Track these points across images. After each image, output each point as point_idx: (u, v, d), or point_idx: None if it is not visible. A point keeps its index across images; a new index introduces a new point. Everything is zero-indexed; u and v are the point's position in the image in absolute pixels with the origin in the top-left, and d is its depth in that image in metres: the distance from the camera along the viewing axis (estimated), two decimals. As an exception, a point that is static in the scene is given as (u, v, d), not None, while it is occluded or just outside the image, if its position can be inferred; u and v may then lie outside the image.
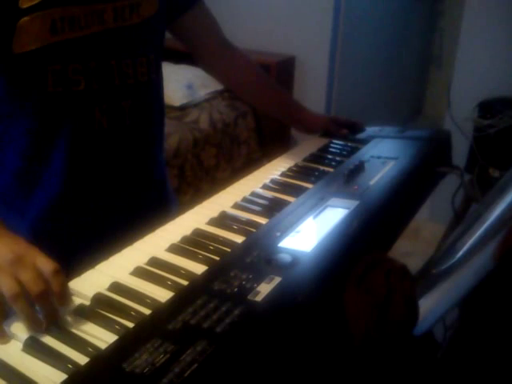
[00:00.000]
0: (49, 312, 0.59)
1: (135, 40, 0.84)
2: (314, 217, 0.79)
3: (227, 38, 1.09)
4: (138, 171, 0.92)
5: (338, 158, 1.05)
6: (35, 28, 0.72)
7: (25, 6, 0.70)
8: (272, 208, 0.83)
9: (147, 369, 0.49)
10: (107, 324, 0.58)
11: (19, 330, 0.58)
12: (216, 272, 0.65)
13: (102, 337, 0.56)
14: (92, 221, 0.88)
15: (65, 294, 0.60)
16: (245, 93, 1.18)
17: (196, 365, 0.49)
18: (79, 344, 0.55)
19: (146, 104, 0.88)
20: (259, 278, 0.62)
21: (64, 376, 0.51)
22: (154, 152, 0.95)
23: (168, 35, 0.98)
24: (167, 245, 0.73)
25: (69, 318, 0.60)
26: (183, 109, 2.55)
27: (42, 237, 0.83)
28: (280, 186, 0.93)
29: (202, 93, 2.69)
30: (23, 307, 0.57)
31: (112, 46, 0.80)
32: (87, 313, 0.60)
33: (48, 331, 0.57)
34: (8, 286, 0.57)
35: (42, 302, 0.58)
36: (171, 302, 0.60)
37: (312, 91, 2.85)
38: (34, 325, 0.57)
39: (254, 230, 0.76)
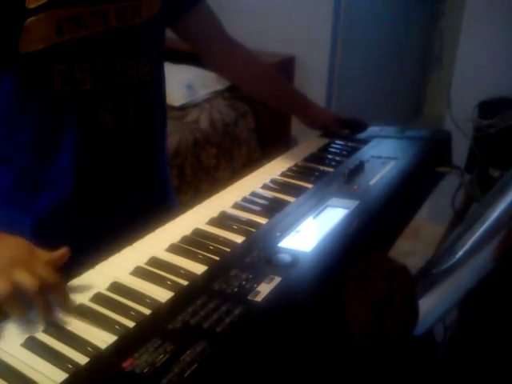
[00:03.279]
0: (46, 309, 0.59)
1: (138, 40, 0.84)
2: (314, 217, 0.79)
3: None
4: (142, 170, 0.92)
5: (337, 158, 1.05)
6: (41, 28, 0.72)
7: (32, 6, 0.71)
8: (272, 208, 0.83)
9: (147, 369, 0.49)
10: (107, 324, 0.58)
11: (19, 330, 0.58)
12: (216, 272, 0.65)
13: (102, 337, 0.56)
14: (95, 220, 0.88)
15: (64, 294, 0.61)
16: (251, 88, 1.19)
17: (196, 365, 0.49)
18: (79, 344, 0.55)
19: (149, 103, 0.89)
20: (259, 277, 0.62)
21: (64, 376, 0.51)
22: (156, 151, 0.96)
23: (168, 36, 0.98)
24: (167, 245, 0.73)
25: (69, 318, 0.60)
26: (183, 109, 2.55)
27: (45, 235, 0.84)
28: (280, 186, 0.93)
29: (202, 93, 2.68)
30: (15, 308, 0.59)
31: (116, 46, 0.81)
32: (87, 313, 0.60)
33: (48, 331, 0.57)
34: (1, 288, 0.58)
35: (38, 299, 0.59)
36: (171, 302, 0.60)
37: (312, 91, 2.82)
38: (27, 324, 0.58)
39: (254, 230, 0.76)
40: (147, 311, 0.59)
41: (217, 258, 0.69)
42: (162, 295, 0.62)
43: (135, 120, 0.86)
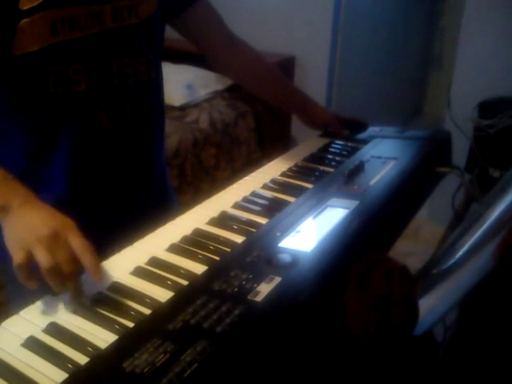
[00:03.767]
0: (75, 291, 0.62)
1: (134, 40, 0.84)
2: (314, 217, 0.79)
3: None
4: (140, 170, 0.92)
5: (338, 158, 1.05)
6: (36, 29, 0.72)
7: (25, 7, 0.70)
8: (272, 208, 0.83)
9: (147, 369, 0.49)
10: (107, 324, 0.58)
11: (20, 330, 0.58)
12: (216, 272, 0.65)
13: (102, 337, 0.56)
14: (94, 220, 0.87)
15: (97, 269, 0.63)
16: (253, 85, 1.18)
17: (196, 365, 0.49)
18: (79, 344, 0.55)
19: (146, 103, 0.89)
20: (259, 277, 0.62)
21: (64, 376, 0.51)
22: (154, 151, 0.96)
23: (168, 36, 0.98)
24: (167, 245, 0.73)
25: (69, 318, 0.60)
26: (183, 109, 2.55)
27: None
28: (280, 186, 0.93)
29: (202, 93, 2.68)
30: (56, 280, 0.61)
31: (111, 46, 0.80)
32: (87, 313, 0.60)
33: (48, 331, 0.57)
34: (45, 259, 0.60)
35: (71, 282, 0.62)
36: (171, 302, 0.60)
37: (312, 91, 2.81)
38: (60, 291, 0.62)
39: (254, 230, 0.76)
40: (147, 311, 0.60)
41: (217, 258, 0.69)
42: (162, 295, 0.62)
43: (132, 120, 0.86)
